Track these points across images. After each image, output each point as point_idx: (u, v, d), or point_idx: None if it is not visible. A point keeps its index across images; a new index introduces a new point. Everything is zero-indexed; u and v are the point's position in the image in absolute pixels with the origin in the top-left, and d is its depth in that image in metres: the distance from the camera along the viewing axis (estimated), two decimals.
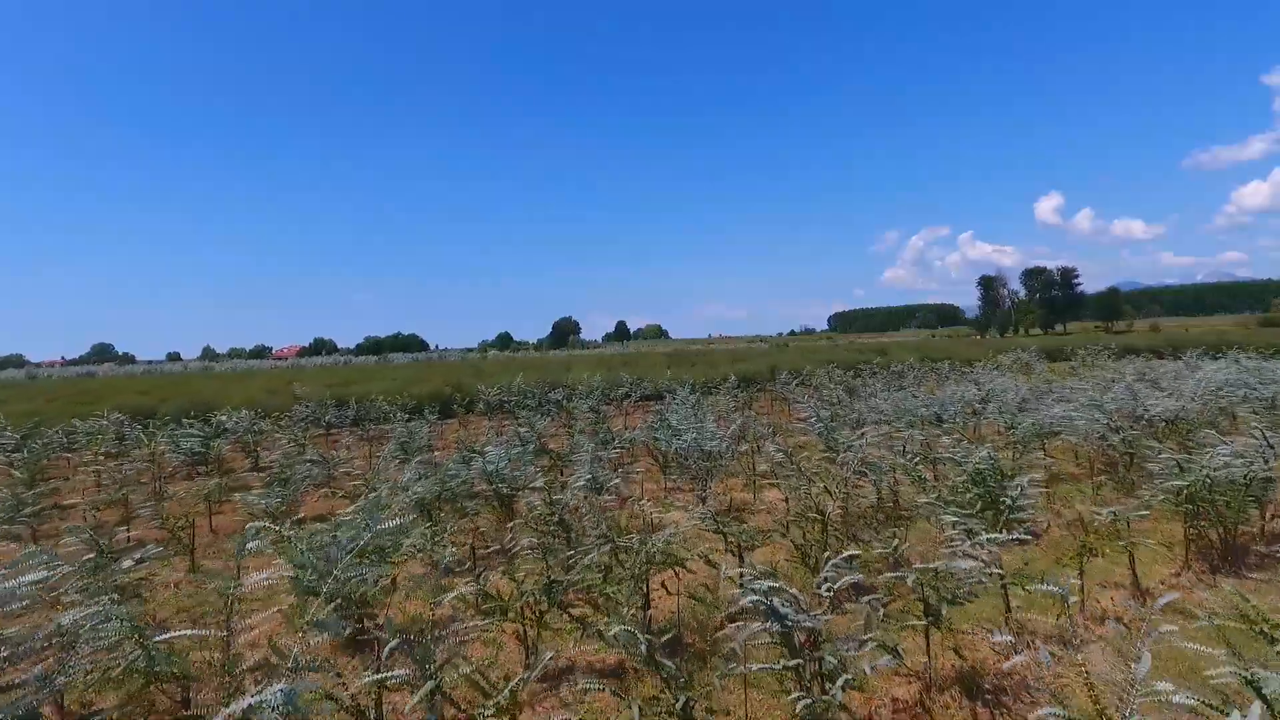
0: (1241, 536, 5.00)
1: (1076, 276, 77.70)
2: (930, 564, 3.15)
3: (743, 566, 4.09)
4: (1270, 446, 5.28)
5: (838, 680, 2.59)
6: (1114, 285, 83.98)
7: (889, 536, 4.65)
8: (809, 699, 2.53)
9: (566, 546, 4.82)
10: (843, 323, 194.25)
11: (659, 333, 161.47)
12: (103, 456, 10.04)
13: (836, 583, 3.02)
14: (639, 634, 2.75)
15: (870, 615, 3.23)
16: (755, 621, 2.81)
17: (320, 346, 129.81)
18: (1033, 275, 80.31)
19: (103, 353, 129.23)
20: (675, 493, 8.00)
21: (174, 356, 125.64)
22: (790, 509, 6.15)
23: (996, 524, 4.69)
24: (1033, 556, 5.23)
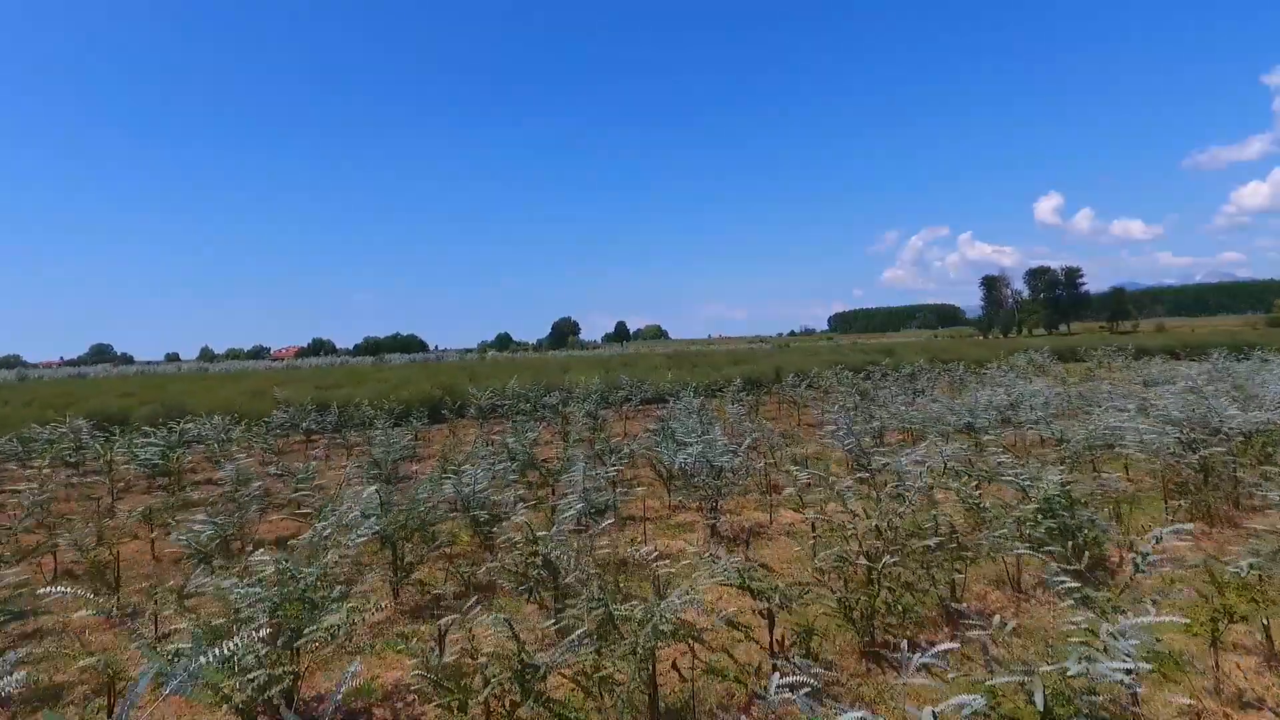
0: None
1: (1081, 276, 76.93)
2: (1058, 663, 2.29)
3: (774, 633, 3.23)
4: None
5: None
6: (1119, 285, 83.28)
7: (950, 577, 3.79)
8: None
9: (552, 590, 3.98)
10: (843, 323, 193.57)
11: (659, 333, 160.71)
12: (47, 470, 9.15)
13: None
14: None
15: None
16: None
17: (319, 347, 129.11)
18: (1036, 275, 79.49)
19: (101, 353, 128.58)
20: (680, 511, 7.15)
21: (173, 357, 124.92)
22: (821, 538, 5.30)
23: (1072, 558, 3.84)
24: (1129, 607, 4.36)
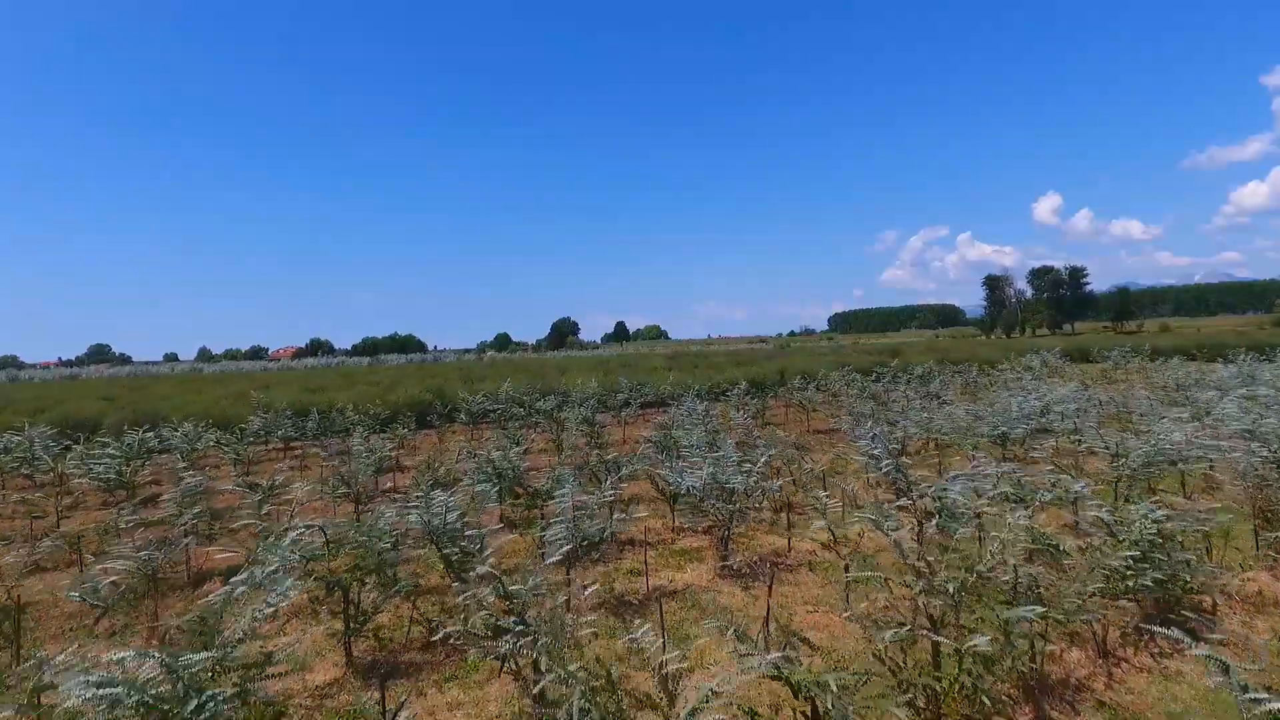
0: None
1: (1085, 275, 75.97)
2: None
3: None
4: None
5: None
6: (1123, 285, 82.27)
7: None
8: None
9: (529, 658, 3.22)
10: (843, 323, 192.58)
11: (658, 333, 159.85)
12: None
13: None
14: None
15: None
16: None
17: (317, 347, 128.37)
18: (1040, 275, 78.52)
19: (99, 354, 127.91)
20: (685, 534, 6.37)
21: (171, 358, 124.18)
22: (857, 582, 4.52)
23: (1168, 609, 3.07)
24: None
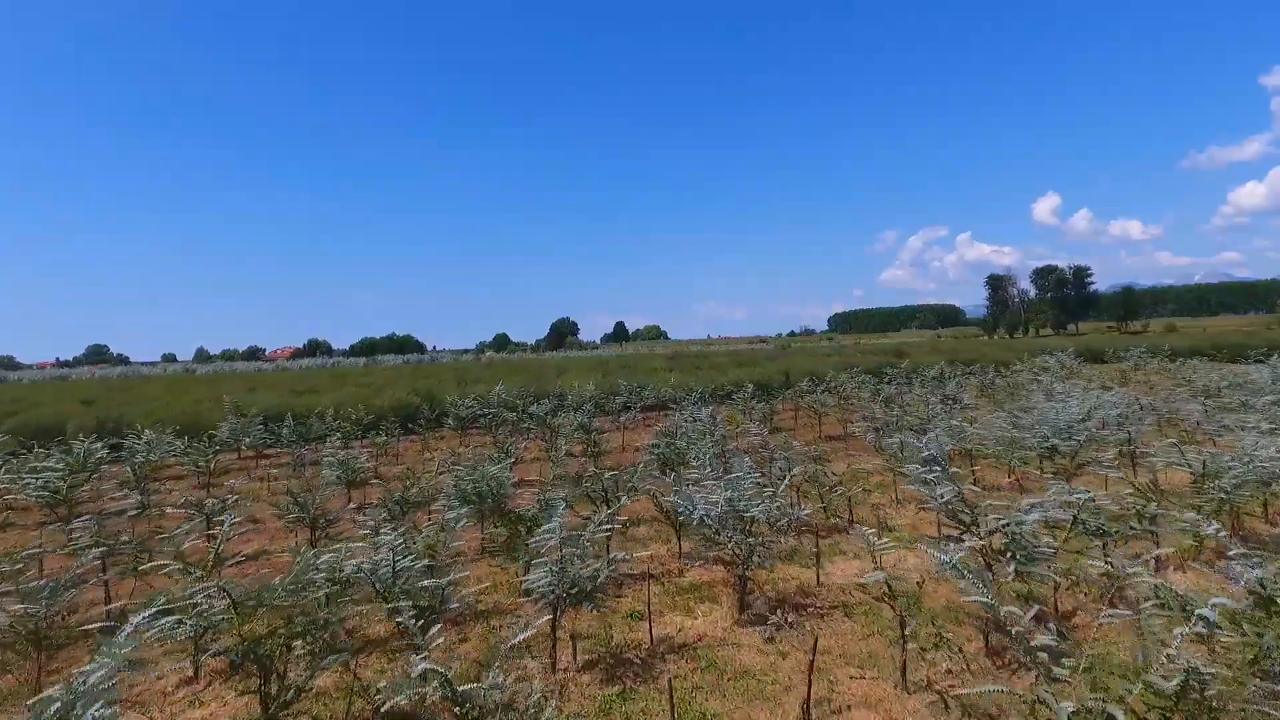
0: None
1: (1089, 275, 75.12)
2: None
3: None
4: None
5: None
6: (1126, 285, 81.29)
7: None
8: None
9: None
10: (843, 323, 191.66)
11: (658, 334, 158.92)
12: None
13: None
14: None
15: None
16: None
17: (314, 348, 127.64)
18: (1044, 274, 77.66)
19: (97, 355, 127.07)
20: (693, 564, 5.52)
21: (169, 358, 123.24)
22: (915, 636, 3.68)
23: None
24: None
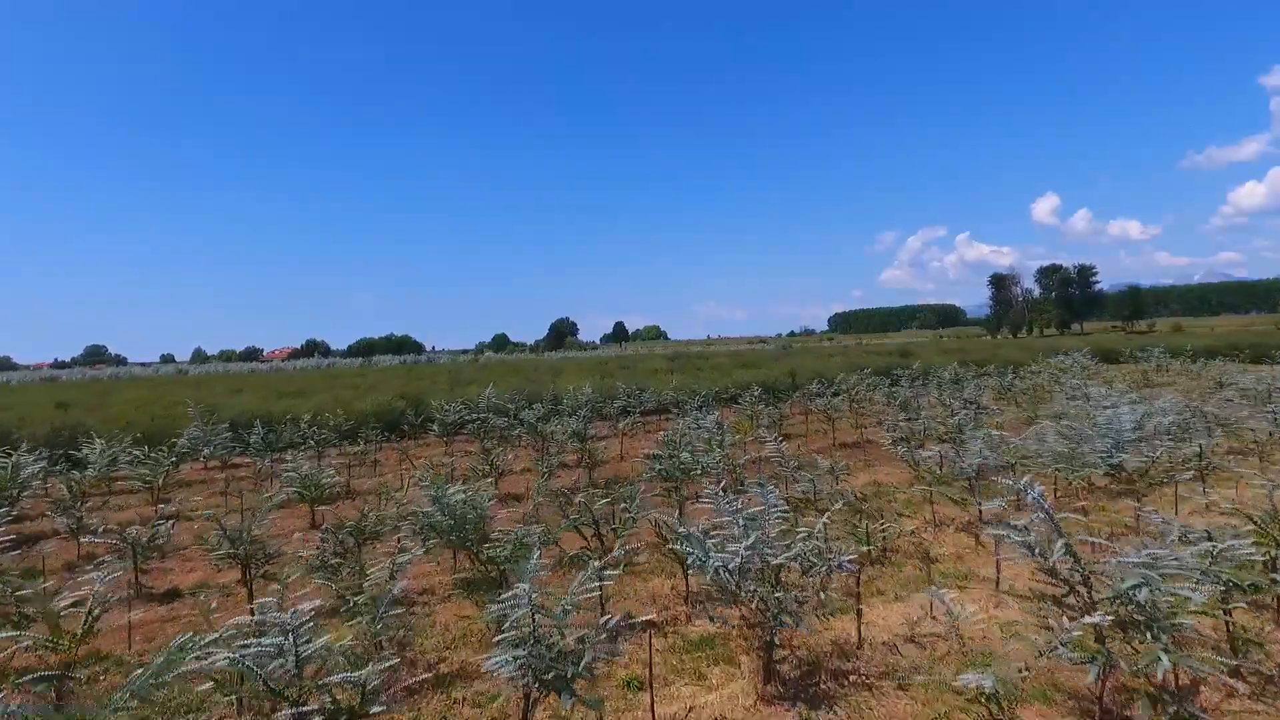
0: None
1: (1094, 274, 74.23)
2: None
3: None
4: None
5: None
6: (1128, 285, 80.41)
7: None
8: None
9: None
10: (843, 323, 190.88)
11: (658, 334, 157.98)
12: None
13: None
14: None
15: None
16: None
17: (312, 348, 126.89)
18: (1048, 273, 76.76)
19: (95, 355, 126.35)
20: (701, 613, 4.59)
21: (168, 359, 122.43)
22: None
23: None
24: None
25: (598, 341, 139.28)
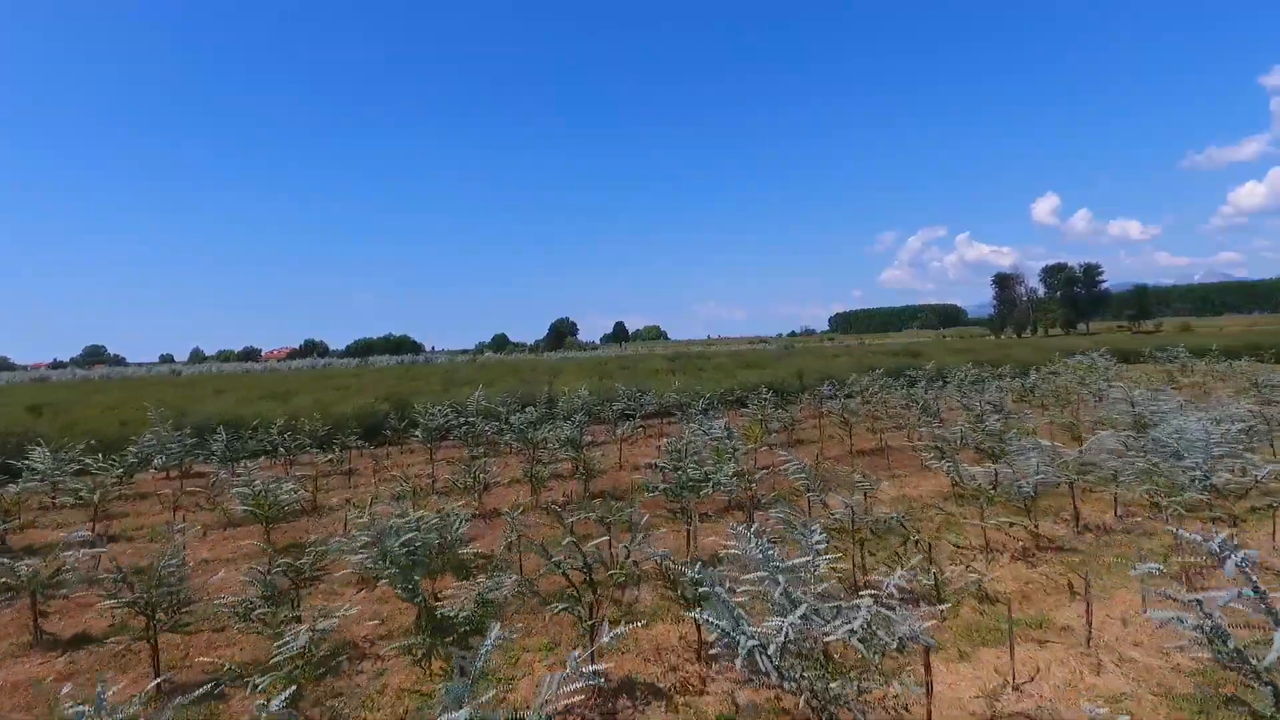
0: None
1: (1100, 274, 73.24)
2: None
3: None
4: None
5: None
6: (1140, 284, 79.32)
7: None
8: None
9: None
10: (844, 323, 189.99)
11: (658, 334, 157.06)
12: None
13: None
14: None
15: None
16: None
17: (311, 348, 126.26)
18: (1053, 273, 75.80)
19: (94, 355, 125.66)
20: (717, 672, 3.70)
21: (167, 359, 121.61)
22: None
23: None
24: None
25: (598, 342, 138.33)
